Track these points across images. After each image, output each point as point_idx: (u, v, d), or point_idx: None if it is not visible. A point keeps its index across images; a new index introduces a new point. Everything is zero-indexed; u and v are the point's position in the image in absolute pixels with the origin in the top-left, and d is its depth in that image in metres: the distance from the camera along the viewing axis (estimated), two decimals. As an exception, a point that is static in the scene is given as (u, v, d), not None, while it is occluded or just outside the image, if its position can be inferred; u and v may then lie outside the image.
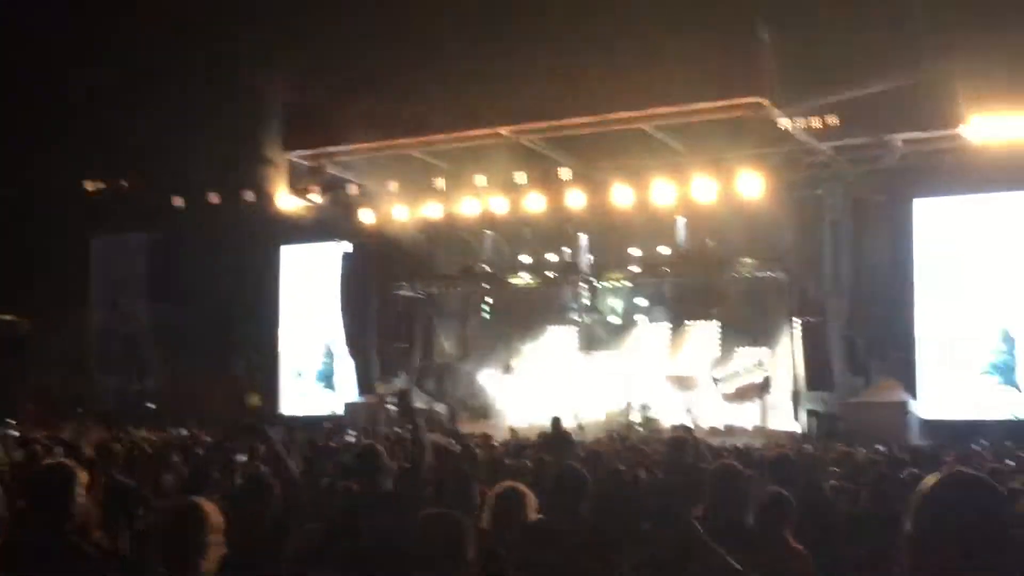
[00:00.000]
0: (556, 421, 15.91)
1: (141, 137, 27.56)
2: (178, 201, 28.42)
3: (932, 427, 23.09)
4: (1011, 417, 22.95)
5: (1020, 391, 23.26)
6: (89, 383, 32.35)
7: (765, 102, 20.31)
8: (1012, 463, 12.70)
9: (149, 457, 10.43)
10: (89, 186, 29.82)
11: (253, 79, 24.19)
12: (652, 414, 27.25)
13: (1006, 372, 23.47)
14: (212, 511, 4.26)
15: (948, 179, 23.39)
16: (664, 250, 26.78)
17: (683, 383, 28.06)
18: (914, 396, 23.92)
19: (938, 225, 24.51)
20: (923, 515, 2.78)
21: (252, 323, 30.99)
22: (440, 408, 28.32)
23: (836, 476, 10.43)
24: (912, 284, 24.37)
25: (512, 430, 22.46)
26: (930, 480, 2.84)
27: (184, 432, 18.52)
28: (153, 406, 30.29)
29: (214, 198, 27.74)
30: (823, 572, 5.75)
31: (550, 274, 28.27)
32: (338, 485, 7.87)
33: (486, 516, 5.54)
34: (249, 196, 27.42)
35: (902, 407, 23.60)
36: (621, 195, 25.40)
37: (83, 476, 5.08)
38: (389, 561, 5.20)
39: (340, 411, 29.70)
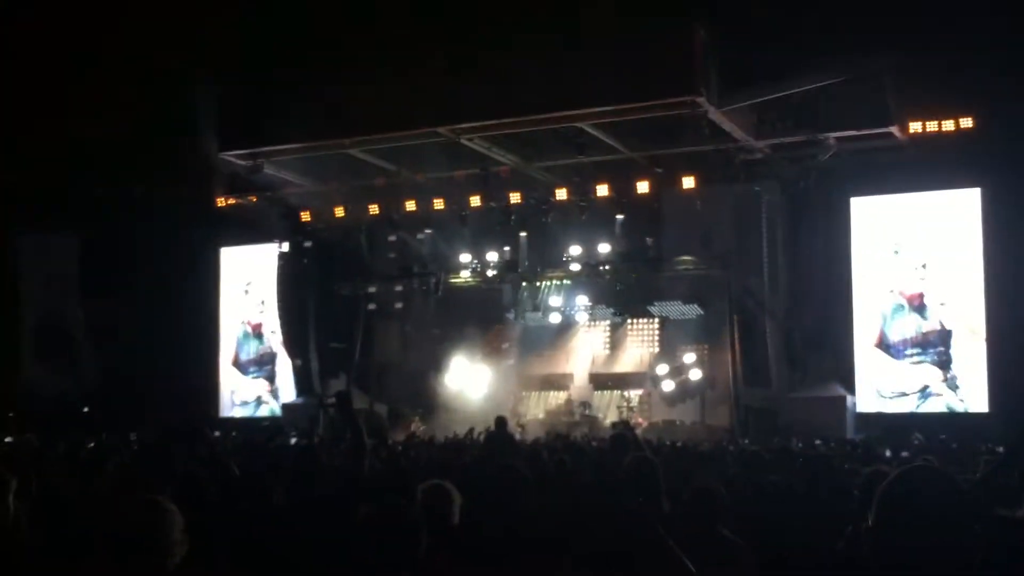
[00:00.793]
0: (500, 420, 15.90)
1: (75, 136, 27.07)
2: (113, 201, 28.00)
3: (868, 420, 23.42)
4: (944, 410, 23.35)
5: (956, 386, 23.63)
6: (22, 385, 31.74)
7: (702, 100, 20.41)
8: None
9: (83, 461, 10.25)
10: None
11: (190, 78, 23.87)
12: (593, 412, 27.37)
13: (941, 367, 23.83)
14: (175, 509, 4.20)
15: (884, 177, 23.74)
16: (604, 248, 26.89)
17: (623, 381, 28.21)
18: (851, 391, 24.23)
19: (875, 223, 24.85)
20: (885, 508, 2.82)
21: (192, 326, 30.58)
22: (380, 409, 28.19)
23: (774, 470, 10.50)
24: (850, 281, 24.69)
25: (453, 430, 22.41)
26: (892, 474, 2.89)
27: (132, 436, 18.23)
28: (87, 410, 29.83)
29: (151, 198, 27.36)
30: (767, 566, 5.78)
31: (490, 273, 28.25)
32: (276, 489, 7.79)
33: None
34: (187, 197, 27.07)
35: (840, 402, 23.91)
36: (560, 194, 25.49)
37: (12, 482, 5.00)
38: (333, 563, 5.15)
39: (279, 412, 29.55)
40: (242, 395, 31.31)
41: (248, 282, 31.25)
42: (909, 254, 24.32)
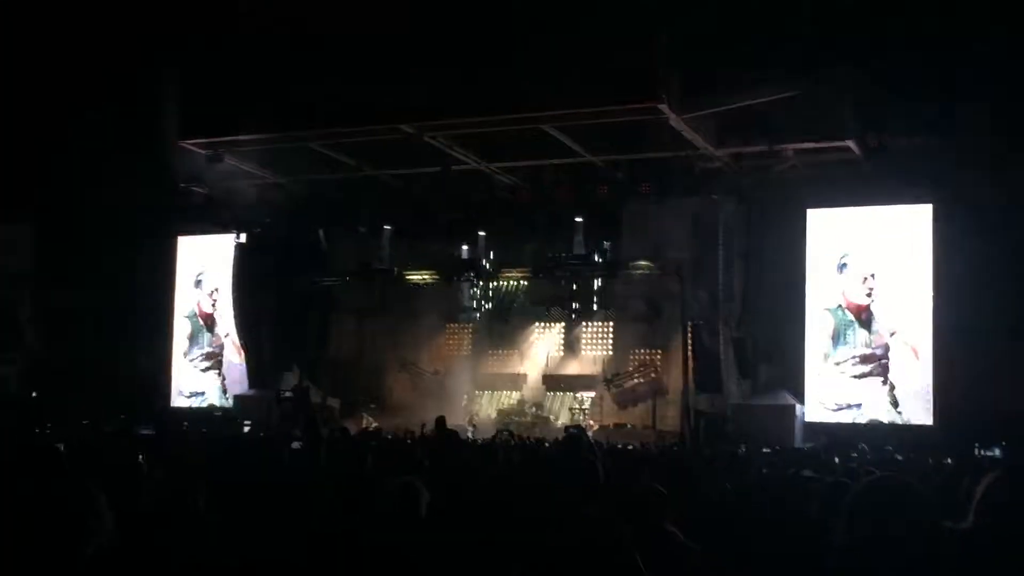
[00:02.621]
0: (440, 420, 15.96)
1: (32, 124, 26.78)
2: (70, 188, 27.72)
3: (815, 430, 23.70)
4: (886, 422, 23.63)
5: (896, 400, 23.91)
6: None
7: (663, 107, 20.58)
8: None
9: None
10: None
11: (152, 67, 23.72)
12: (545, 413, 27.51)
13: (884, 382, 24.13)
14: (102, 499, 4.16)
15: (839, 190, 24.03)
16: (562, 250, 27.01)
17: (576, 383, 28.36)
18: (801, 400, 24.49)
19: (829, 235, 25.14)
20: (853, 523, 2.81)
21: (147, 315, 30.32)
22: (332, 402, 28.14)
23: (725, 476, 10.64)
24: (804, 292, 24.92)
25: (406, 426, 22.43)
26: (858, 487, 2.88)
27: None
28: (35, 395, 29.55)
29: (110, 186, 27.11)
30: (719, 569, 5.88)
31: (448, 271, 28.26)
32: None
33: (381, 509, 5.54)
34: (145, 185, 26.86)
35: (789, 410, 24.18)
36: (520, 194, 25.60)
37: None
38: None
39: (229, 404, 29.37)
40: (191, 386, 31.08)
41: (200, 272, 31.02)
42: (860, 267, 24.64)
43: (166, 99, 24.44)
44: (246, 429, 20.76)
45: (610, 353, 28.68)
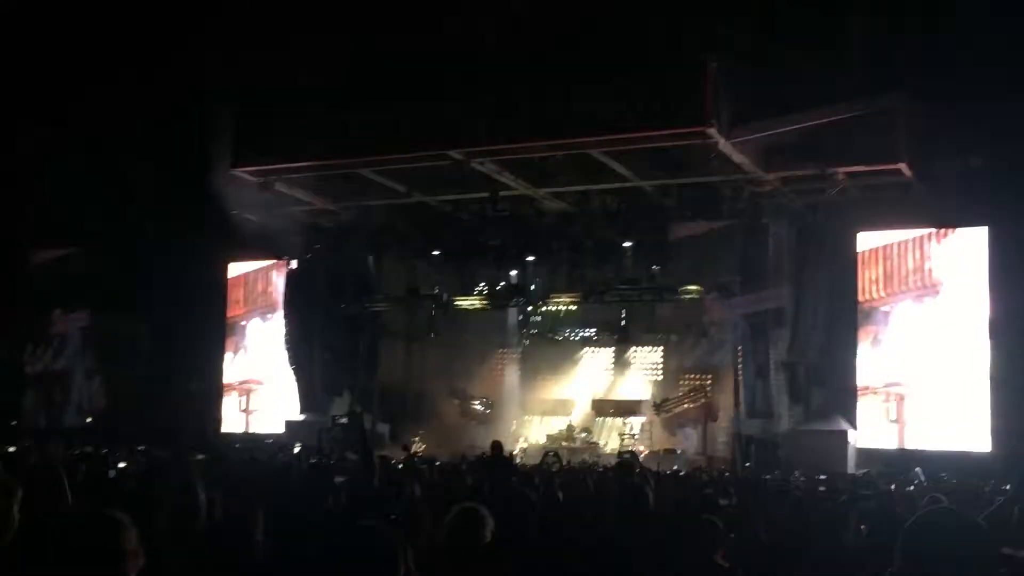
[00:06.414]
0: (496, 445, 15.96)
1: (85, 150, 27.22)
2: (122, 214, 28.12)
3: (870, 456, 23.39)
4: (944, 448, 23.26)
5: (955, 422, 23.56)
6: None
7: (713, 131, 20.50)
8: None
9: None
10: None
11: (203, 94, 24.04)
12: (594, 438, 27.41)
13: (941, 403, 23.79)
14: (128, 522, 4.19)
15: (891, 213, 23.78)
16: (610, 275, 26.96)
17: (625, 408, 28.25)
18: (854, 425, 24.19)
19: (882, 257, 24.89)
20: (909, 551, 2.79)
21: (198, 340, 30.62)
22: (382, 428, 28.23)
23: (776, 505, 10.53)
24: (855, 315, 24.66)
25: (456, 451, 22.47)
26: (912, 519, 2.85)
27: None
28: (90, 420, 29.93)
29: (162, 212, 27.47)
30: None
31: (496, 297, 28.29)
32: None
33: (441, 534, 5.53)
34: (197, 211, 27.16)
35: (842, 436, 23.89)
36: (569, 219, 25.59)
37: (18, 492, 5.02)
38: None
39: (280, 429, 29.50)
40: (243, 409, 31.34)
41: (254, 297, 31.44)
42: (914, 291, 24.38)
43: (219, 127, 24.75)
44: (296, 450, 20.89)
45: (660, 378, 28.58)
